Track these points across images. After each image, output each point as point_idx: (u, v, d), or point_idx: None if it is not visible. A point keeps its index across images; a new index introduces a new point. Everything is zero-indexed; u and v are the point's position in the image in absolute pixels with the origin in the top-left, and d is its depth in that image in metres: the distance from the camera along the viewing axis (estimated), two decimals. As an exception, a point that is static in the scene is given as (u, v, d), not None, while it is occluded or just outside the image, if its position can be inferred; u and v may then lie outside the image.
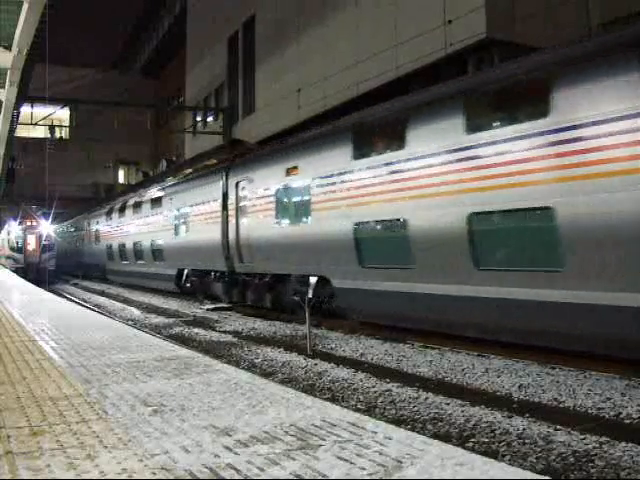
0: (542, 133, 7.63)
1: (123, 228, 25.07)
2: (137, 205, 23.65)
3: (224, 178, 15.77)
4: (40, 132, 39.87)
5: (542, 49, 8.71)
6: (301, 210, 12.51)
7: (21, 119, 27.13)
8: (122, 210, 25.68)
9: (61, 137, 42.57)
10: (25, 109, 26.62)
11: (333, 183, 11.45)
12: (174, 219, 19.05)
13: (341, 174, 11.21)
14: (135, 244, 22.96)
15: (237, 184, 15.01)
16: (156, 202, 21.20)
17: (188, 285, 18.73)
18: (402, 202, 9.73)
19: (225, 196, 15.58)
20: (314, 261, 12.16)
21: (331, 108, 18.17)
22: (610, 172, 6.83)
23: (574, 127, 7.24)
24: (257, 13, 25.24)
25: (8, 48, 13.85)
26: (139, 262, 22.56)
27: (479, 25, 13.12)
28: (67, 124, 37.96)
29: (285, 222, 13.16)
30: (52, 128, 34.36)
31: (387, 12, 16.31)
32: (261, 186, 13.98)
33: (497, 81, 8.69)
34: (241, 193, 14.86)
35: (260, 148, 17.12)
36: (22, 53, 13.87)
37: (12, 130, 24.95)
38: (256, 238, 14.03)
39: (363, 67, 16.82)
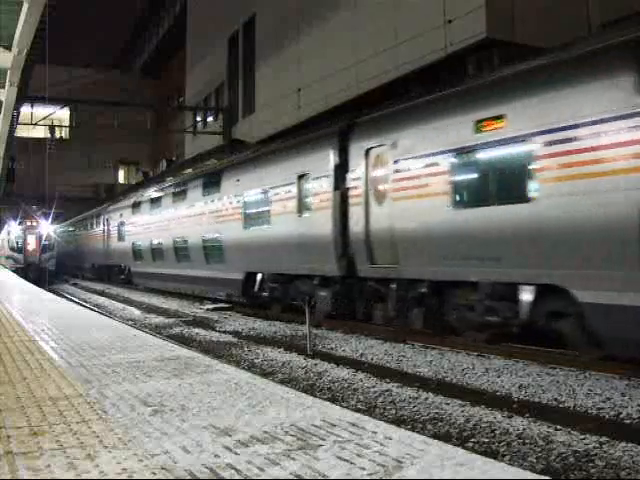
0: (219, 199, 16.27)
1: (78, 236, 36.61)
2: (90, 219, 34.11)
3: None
4: (40, 132, 39.82)
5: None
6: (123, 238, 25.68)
7: (21, 119, 27.08)
8: (80, 221, 36.84)
9: (61, 137, 42.54)
10: (25, 109, 26.57)
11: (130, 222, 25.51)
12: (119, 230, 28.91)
13: (128, 218, 25.28)
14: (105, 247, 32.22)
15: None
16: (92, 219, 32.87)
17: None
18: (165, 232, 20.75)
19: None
20: (125, 258, 25.21)
21: (332, 108, 18.16)
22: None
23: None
24: (257, 13, 25.21)
25: (8, 48, 13.82)
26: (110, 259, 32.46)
27: (479, 25, 13.10)
28: (67, 124, 37.83)
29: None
30: (52, 128, 34.34)
31: (387, 12, 16.29)
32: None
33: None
34: None
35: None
36: (22, 53, 13.84)
37: (12, 130, 24.95)
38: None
39: (363, 67, 16.81)
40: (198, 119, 33.17)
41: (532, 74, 8.01)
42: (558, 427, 5.30)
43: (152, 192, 23.46)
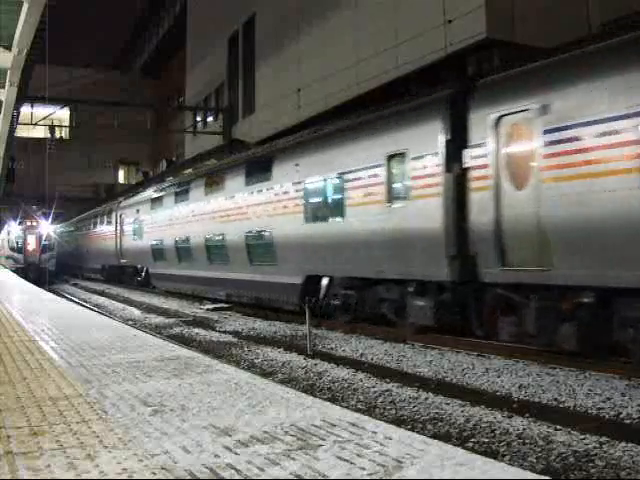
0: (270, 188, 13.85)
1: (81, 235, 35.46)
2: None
3: None
4: (40, 132, 39.83)
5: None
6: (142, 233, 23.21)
7: (21, 119, 27.09)
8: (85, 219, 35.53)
9: (61, 137, 42.53)
10: (25, 109, 26.59)
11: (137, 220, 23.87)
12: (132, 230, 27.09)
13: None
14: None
15: None
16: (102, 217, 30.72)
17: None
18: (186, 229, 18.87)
19: None
20: (142, 258, 23.43)
21: (332, 108, 18.17)
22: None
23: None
24: (257, 13, 25.23)
25: (8, 48, 13.82)
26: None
27: (479, 25, 13.11)
28: (67, 124, 37.85)
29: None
30: (52, 128, 34.32)
31: (387, 12, 16.30)
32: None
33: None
34: None
35: None
36: (22, 53, 13.84)
37: (12, 130, 24.94)
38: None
39: (363, 67, 16.82)
40: (198, 119, 33.19)
41: None
42: (558, 427, 5.30)
43: (178, 184, 20.79)
